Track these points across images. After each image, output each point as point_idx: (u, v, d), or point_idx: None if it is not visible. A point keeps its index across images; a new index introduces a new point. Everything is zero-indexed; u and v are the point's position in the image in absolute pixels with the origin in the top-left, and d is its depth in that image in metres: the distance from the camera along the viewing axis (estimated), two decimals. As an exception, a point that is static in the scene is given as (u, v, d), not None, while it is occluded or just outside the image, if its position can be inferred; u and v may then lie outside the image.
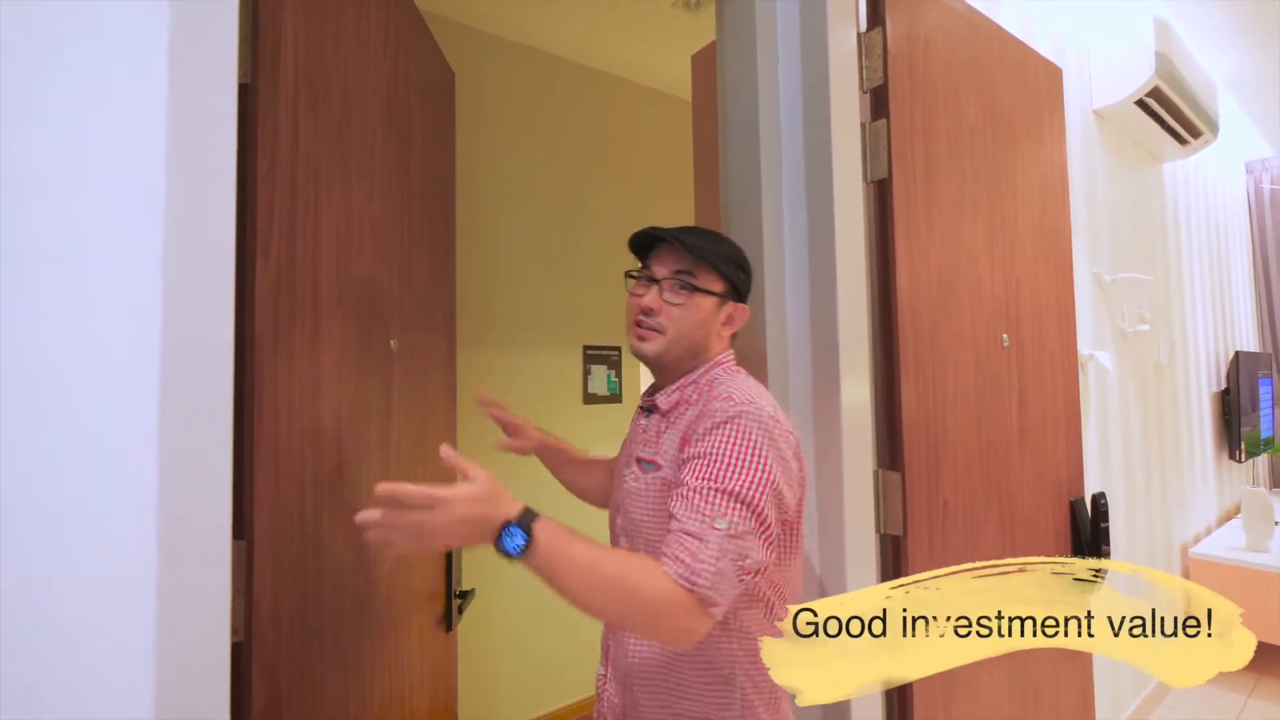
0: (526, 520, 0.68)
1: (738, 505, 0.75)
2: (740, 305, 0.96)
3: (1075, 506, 1.66)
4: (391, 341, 1.30)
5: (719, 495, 0.75)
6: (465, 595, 1.60)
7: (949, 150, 1.34)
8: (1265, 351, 4.21)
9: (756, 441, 0.79)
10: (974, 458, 1.37)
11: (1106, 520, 1.65)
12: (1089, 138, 2.23)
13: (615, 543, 0.99)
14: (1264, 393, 3.83)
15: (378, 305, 1.25)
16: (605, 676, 0.96)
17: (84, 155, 0.65)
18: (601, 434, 2.78)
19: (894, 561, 1.22)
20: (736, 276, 0.94)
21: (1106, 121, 2.33)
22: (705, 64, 1.57)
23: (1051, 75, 1.71)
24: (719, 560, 0.71)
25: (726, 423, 0.80)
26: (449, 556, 1.54)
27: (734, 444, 0.78)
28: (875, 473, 1.24)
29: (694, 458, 0.79)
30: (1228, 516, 3.47)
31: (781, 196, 1.24)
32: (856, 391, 1.20)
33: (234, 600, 0.78)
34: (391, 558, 1.24)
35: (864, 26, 1.26)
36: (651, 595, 0.70)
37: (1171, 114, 2.35)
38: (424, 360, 1.49)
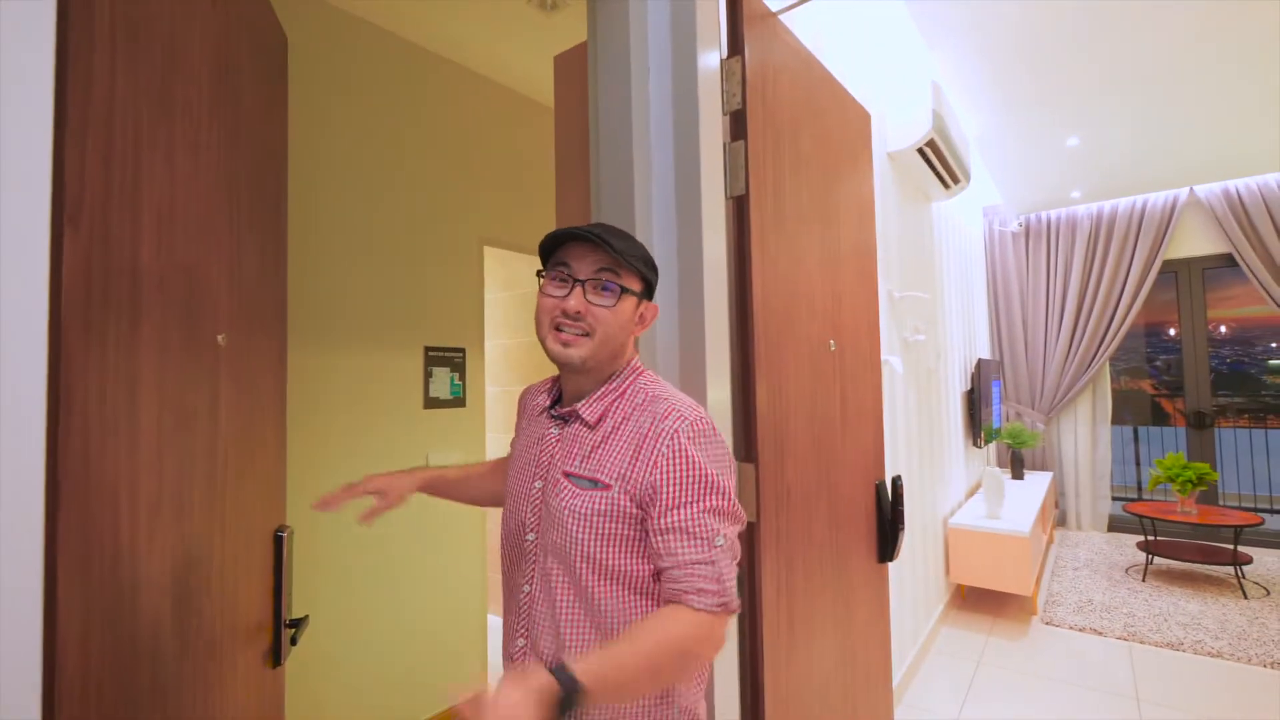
0: (562, 673, 0.70)
1: (723, 519, 0.83)
2: (651, 304, 0.95)
3: (879, 488, 1.94)
4: (219, 337, 1.14)
5: (708, 516, 0.81)
6: (298, 623, 1.44)
7: (792, 174, 1.50)
8: (996, 359, 5.24)
9: (717, 451, 0.85)
10: (809, 448, 1.54)
11: (902, 501, 1.95)
12: (884, 176, 2.62)
13: (524, 560, 0.93)
14: (995, 392, 4.77)
15: (203, 295, 1.09)
16: None
17: None
18: (443, 440, 2.64)
19: (748, 545, 1.33)
20: (650, 276, 0.93)
21: (896, 163, 2.76)
22: (570, 66, 1.59)
23: (863, 119, 1.98)
24: (728, 570, 0.81)
25: (690, 445, 0.83)
26: (278, 580, 1.38)
27: (704, 462, 0.83)
28: (733, 466, 1.34)
29: (673, 486, 0.82)
30: (972, 492, 4.27)
31: (652, 208, 1.29)
32: (719, 392, 1.29)
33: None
34: (215, 582, 1.08)
35: (725, 53, 1.36)
36: (697, 637, 0.78)
37: (941, 162, 2.84)
38: (253, 360, 1.32)
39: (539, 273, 0.93)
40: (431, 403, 2.58)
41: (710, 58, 1.31)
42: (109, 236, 0.83)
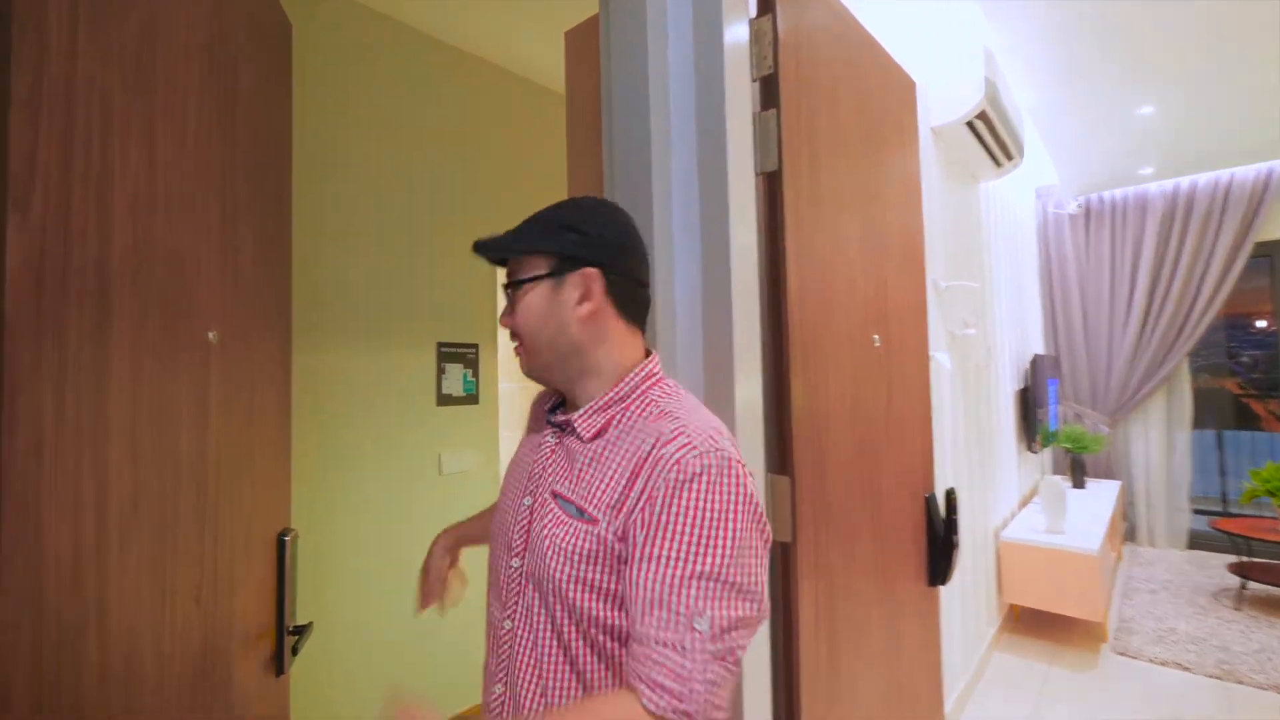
0: None
1: (718, 591, 0.62)
2: (588, 270, 0.76)
3: (929, 502, 1.75)
4: (210, 334, 1.07)
5: (693, 585, 0.62)
6: (301, 631, 1.37)
7: (828, 147, 1.35)
8: (1052, 355, 4.92)
9: (728, 498, 0.66)
10: (852, 458, 1.39)
11: (956, 513, 1.74)
12: (928, 152, 2.42)
13: (508, 590, 0.79)
14: (1051, 391, 4.46)
15: (191, 289, 1.02)
16: None
17: None
18: (456, 437, 2.58)
19: (782, 570, 1.19)
20: (564, 241, 0.76)
21: (941, 139, 2.55)
22: (581, 41, 1.48)
23: (907, 87, 1.81)
24: (707, 669, 0.60)
25: (691, 481, 0.65)
26: (280, 585, 1.32)
27: (704, 508, 0.65)
28: (765, 478, 1.20)
29: (656, 531, 0.65)
30: (1025, 501, 3.98)
31: (671, 185, 1.17)
32: (749, 391, 1.16)
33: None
34: (206, 591, 1.02)
35: (753, 13, 1.23)
36: None
37: (993, 136, 2.61)
38: (251, 357, 1.25)
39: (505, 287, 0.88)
40: (445, 400, 2.53)
41: (738, 17, 1.17)
42: (69, 222, 0.77)
